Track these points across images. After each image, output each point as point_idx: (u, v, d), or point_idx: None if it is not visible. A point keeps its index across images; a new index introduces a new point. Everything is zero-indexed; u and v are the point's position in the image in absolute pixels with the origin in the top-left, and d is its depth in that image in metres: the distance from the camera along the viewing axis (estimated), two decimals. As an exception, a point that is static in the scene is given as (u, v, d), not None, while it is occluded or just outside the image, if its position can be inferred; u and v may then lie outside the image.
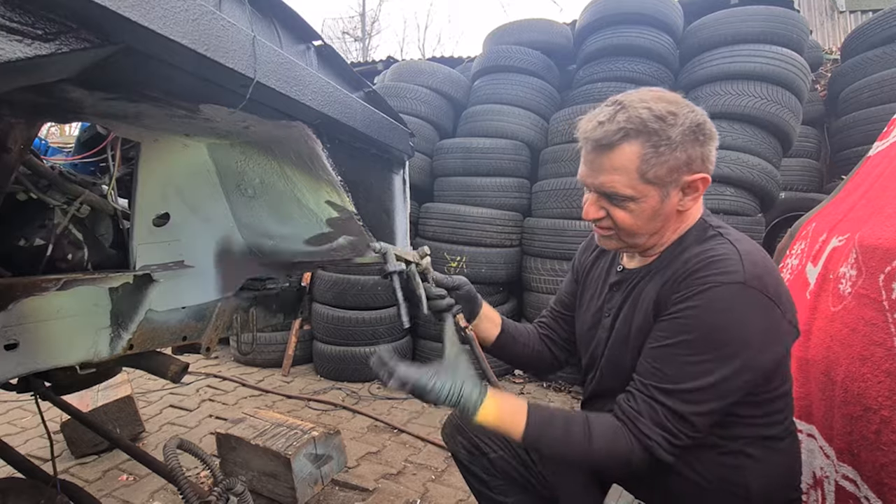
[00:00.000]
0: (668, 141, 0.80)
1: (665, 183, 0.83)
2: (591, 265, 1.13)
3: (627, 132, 0.80)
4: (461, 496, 1.89)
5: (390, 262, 0.99)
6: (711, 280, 0.79)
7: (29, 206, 0.99)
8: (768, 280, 0.78)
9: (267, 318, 1.52)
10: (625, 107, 0.82)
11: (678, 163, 0.81)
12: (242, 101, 0.74)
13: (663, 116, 0.80)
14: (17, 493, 1.01)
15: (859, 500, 0.97)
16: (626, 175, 0.82)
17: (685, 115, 0.81)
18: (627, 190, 0.83)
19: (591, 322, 1.05)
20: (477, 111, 3.68)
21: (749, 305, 0.77)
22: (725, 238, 0.86)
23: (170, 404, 2.88)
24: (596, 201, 0.89)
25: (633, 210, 0.85)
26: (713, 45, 3.21)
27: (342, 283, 3.34)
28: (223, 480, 1.06)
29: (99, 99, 0.73)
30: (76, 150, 1.07)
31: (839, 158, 3.90)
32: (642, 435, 0.80)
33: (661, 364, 0.81)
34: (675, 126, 0.80)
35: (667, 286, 0.85)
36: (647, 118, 0.80)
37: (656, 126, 0.80)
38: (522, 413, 0.87)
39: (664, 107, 0.81)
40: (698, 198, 0.88)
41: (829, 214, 1.45)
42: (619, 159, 0.82)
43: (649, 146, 0.80)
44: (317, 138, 0.96)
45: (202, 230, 1.17)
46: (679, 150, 0.81)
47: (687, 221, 0.91)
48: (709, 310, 0.78)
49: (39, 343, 0.89)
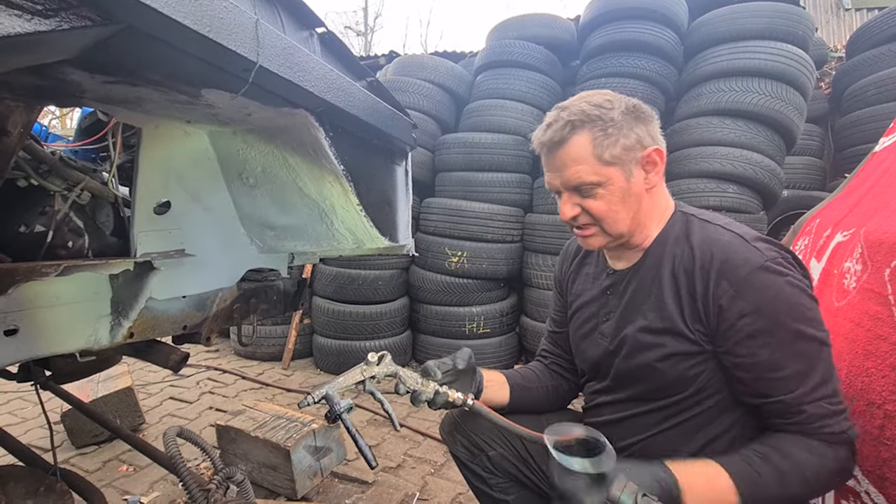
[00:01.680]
0: (612, 122, 0.87)
1: (624, 161, 0.88)
2: (574, 274, 1.13)
3: (573, 124, 0.87)
4: (460, 490, 1.89)
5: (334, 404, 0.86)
6: (748, 276, 0.81)
7: (29, 193, 0.98)
8: (781, 252, 0.84)
9: (267, 310, 1.52)
10: (565, 107, 0.90)
11: (629, 141, 0.87)
12: (245, 86, 0.73)
13: (600, 104, 0.88)
14: (16, 480, 1.01)
15: (859, 494, 0.97)
16: (585, 163, 0.87)
17: (619, 100, 0.90)
18: (592, 176, 0.87)
19: (587, 329, 1.04)
20: (479, 106, 3.66)
21: (788, 282, 0.80)
22: (715, 224, 0.90)
23: (170, 396, 2.88)
24: (568, 199, 0.92)
25: (604, 196, 0.89)
26: (718, 42, 3.19)
27: (343, 277, 3.33)
28: (223, 469, 1.06)
29: (100, 82, 0.72)
30: (77, 137, 1.07)
31: (843, 157, 3.88)
32: (835, 435, 0.79)
33: (781, 371, 0.81)
34: (614, 109, 0.88)
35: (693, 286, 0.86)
36: (586, 108, 0.88)
37: (597, 112, 0.87)
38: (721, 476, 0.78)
39: (599, 98, 0.90)
40: (660, 172, 0.92)
41: (833, 210, 1.44)
42: (574, 150, 0.88)
43: (597, 130, 0.87)
44: (319, 126, 0.95)
45: (203, 219, 1.17)
46: (625, 129, 0.87)
47: (660, 210, 0.95)
48: (770, 305, 0.80)
49: (39, 329, 0.89)
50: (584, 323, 1.04)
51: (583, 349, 1.05)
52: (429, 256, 3.37)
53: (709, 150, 3.01)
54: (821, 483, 0.80)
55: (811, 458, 0.79)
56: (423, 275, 3.43)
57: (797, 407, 0.80)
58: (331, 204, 1.14)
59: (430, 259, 3.37)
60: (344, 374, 0.91)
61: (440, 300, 3.36)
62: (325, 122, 0.96)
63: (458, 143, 3.53)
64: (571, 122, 0.87)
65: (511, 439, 1.12)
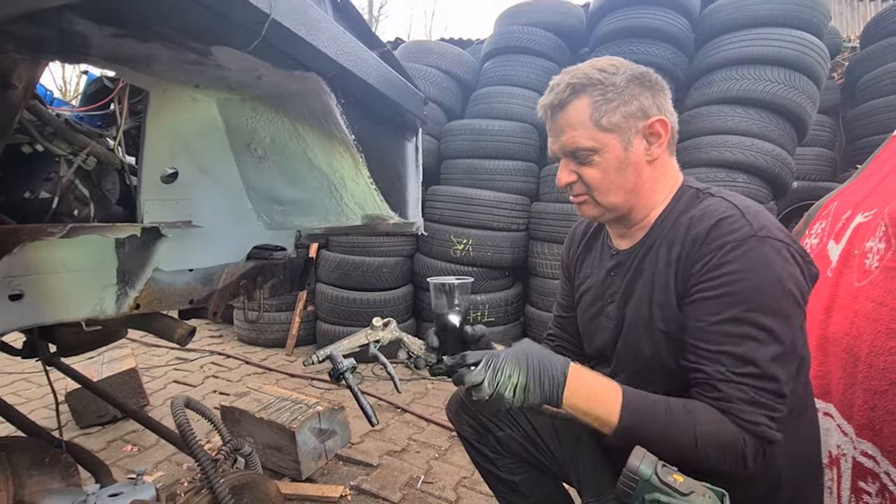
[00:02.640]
0: (613, 87, 0.84)
1: (622, 129, 0.85)
2: (581, 257, 1.10)
3: (574, 88, 0.85)
4: (464, 474, 1.88)
5: (337, 363, 0.87)
6: (725, 242, 0.76)
7: (34, 158, 0.96)
8: (773, 227, 0.78)
9: (273, 288, 1.50)
10: (570, 71, 0.89)
11: (630, 108, 0.85)
12: (256, 40, 0.70)
13: (604, 68, 0.86)
14: (22, 450, 1.00)
15: (878, 475, 0.95)
16: (582, 128, 0.85)
17: (626, 66, 0.87)
18: (588, 142, 0.85)
19: (593, 311, 1.01)
20: (486, 93, 3.62)
21: (770, 255, 0.75)
22: (717, 196, 0.85)
23: (174, 380, 2.88)
24: (566, 166, 0.90)
25: (599, 163, 0.86)
26: (730, 29, 3.13)
27: (347, 263, 3.32)
28: (230, 440, 1.04)
29: (107, 35, 0.70)
30: (82, 103, 1.04)
31: (854, 148, 3.83)
32: (747, 422, 0.72)
33: (725, 345, 0.75)
34: (618, 74, 0.85)
35: (681, 258, 0.82)
36: (589, 72, 0.86)
37: (600, 77, 0.85)
38: (616, 397, 0.76)
39: (605, 62, 0.88)
40: (664, 144, 0.88)
41: (852, 193, 1.42)
42: (573, 115, 0.86)
43: (597, 94, 0.84)
44: (331, 92, 0.92)
45: (210, 190, 1.14)
46: (626, 95, 0.85)
47: (665, 185, 0.91)
48: (740, 274, 0.75)
49: (45, 296, 0.87)
50: (590, 306, 1.02)
51: (590, 333, 1.03)
52: (434, 244, 3.35)
53: (719, 138, 2.97)
54: (710, 450, 0.72)
55: (711, 424, 0.73)
56: (427, 262, 3.41)
57: (719, 381, 0.75)
58: (340, 176, 1.11)
59: (435, 247, 3.35)
60: (349, 337, 0.91)
61: (444, 287, 3.34)
62: (337, 89, 0.93)
63: (464, 130, 3.50)
64: (573, 86, 0.85)
65: (519, 419, 1.10)
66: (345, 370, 0.86)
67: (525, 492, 1.11)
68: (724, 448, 0.73)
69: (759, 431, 0.73)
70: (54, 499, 0.97)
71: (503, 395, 0.74)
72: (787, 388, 0.74)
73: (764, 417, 0.73)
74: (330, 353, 0.86)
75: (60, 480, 1.06)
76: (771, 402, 0.73)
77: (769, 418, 0.73)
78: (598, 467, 1.02)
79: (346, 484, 1.78)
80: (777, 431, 0.74)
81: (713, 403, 0.75)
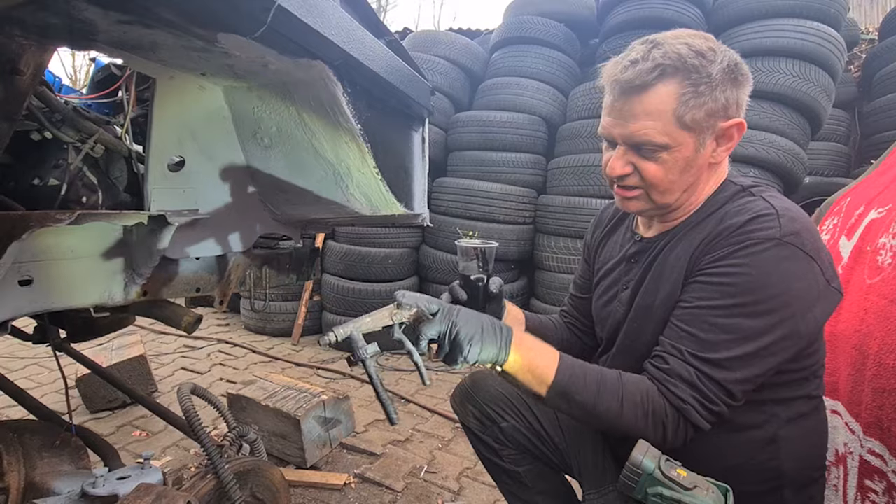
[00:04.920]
0: (708, 79, 0.73)
1: (702, 129, 0.76)
2: (604, 240, 1.07)
3: (664, 69, 0.73)
4: (467, 464, 1.90)
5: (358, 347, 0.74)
6: (747, 238, 0.73)
7: (43, 145, 0.97)
8: (806, 236, 0.73)
9: (279, 277, 1.51)
10: (659, 44, 0.75)
11: (716, 105, 0.75)
12: (262, 27, 0.70)
13: (703, 52, 0.74)
14: (33, 432, 1.02)
15: (886, 473, 0.94)
16: (660, 120, 0.74)
17: (724, 52, 0.76)
18: (662, 138, 0.75)
19: (608, 297, 0.99)
20: (494, 84, 3.59)
21: (787, 263, 0.71)
22: (758, 196, 0.79)
23: (181, 367, 2.92)
24: (623, 155, 0.80)
25: (666, 161, 0.77)
26: (744, 19, 3.07)
27: (353, 254, 3.33)
28: (236, 427, 1.06)
29: (113, 22, 0.70)
30: (90, 91, 1.05)
31: (869, 143, 3.75)
32: (675, 398, 0.73)
33: (695, 328, 0.74)
34: (715, 63, 0.74)
35: (699, 248, 0.79)
36: (685, 53, 0.73)
37: (696, 62, 0.73)
38: (553, 359, 0.78)
39: (702, 42, 0.75)
40: (731, 148, 0.82)
41: (866, 189, 1.39)
42: (653, 102, 0.74)
43: (688, 84, 0.73)
44: (338, 81, 0.92)
45: (217, 179, 1.15)
46: (718, 91, 0.74)
47: (712, 181, 0.85)
48: (744, 269, 0.72)
49: (54, 282, 0.88)
50: (605, 291, 1.00)
51: (603, 319, 1.01)
52: (439, 236, 3.34)
53: (731, 132, 2.92)
54: (629, 414, 0.73)
55: (637, 391, 0.74)
56: (433, 254, 3.41)
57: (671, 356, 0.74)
58: (346, 166, 1.11)
59: (441, 238, 3.34)
60: (372, 315, 0.77)
61: (450, 280, 3.32)
62: (344, 77, 0.93)
63: (472, 121, 3.47)
64: (662, 67, 0.73)
65: (523, 411, 1.10)
66: (366, 357, 0.73)
67: (528, 483, 1.11)
68: (644, 416, 0.73)
69: (684, 409, 0.72)
70: (64, 480, 0.99)
71: (461, 346, 0.73)
72: (739, 390, 0.73)
73: (695, 401, 0.72)
74: (350, 334, 0.73)
75: (70, 463, 1.08)
76: (712, 392, 0.72)
77: (701, 405, 0.72)
78: (600, 460, 1.02)
79: (350, 472, 1.80)
80: (707, 422, 0.73)
81: (653, 373, 0.76)
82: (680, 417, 0.73)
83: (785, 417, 0.81)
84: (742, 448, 0.81)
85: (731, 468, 0.78)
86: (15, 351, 3.03)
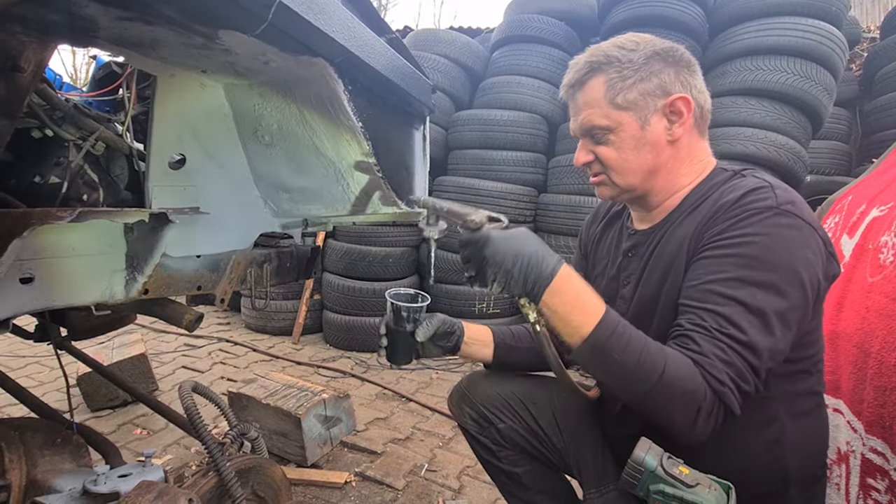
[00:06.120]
0: (630, 64, 0.83)
1: (639, 107, 0.83)
2: (599, 236, 1.08)
3: (592, 66, 0.85)
4: (468, 463, 1.90)
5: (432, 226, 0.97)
6: (745, 210, 0.75)
7: (44, 143, 0.97)
8: (802, 207, 0.76)
9: (280, 276, 1.51)
10: (590, 49, 0.88)
11: (649, 85, 0.83)
12: (263, 24, 0.70)
13: (624, 45, 0.84)
14: (34, 430, 1.02)
15: (888, 472, 0.94)
16: (598, 106, 0.85)
17: (648, 42, 0.85)
18: (602, 120, 0.85)
19: (607, 294, 0.97)
20: (495, 82, 3.58)
21: (789, 230, 0.73)
22: (749, 175, 0.82)
23: (182, 365, 2.92)
24: (583, 146, 0.91)
25: (614, 142, 0.85)
26: (746, 18, 3.06)
27: (353, 253, 3.32)
28: (237, 425, 1.06)
29: (114, 18, 0.69)
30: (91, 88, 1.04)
31: (871, 142, 3.74)
32: (714, 379, 0.69)
33: (711, 304, 0.73)
34: (637, 51, 0.83)
35: (699, 227, 0.80)
36: (608, 49, 0.85)
37: (617, 54, 0.83)
38: (600, 309, 0.74)
39: (627, 39, 0.86)
40: (688, 123, 0.85)
41: (868, 187, 1.39)
42: (589, 93, 0.86)
43: (613, 72, 0.83)
44: (339, 78, 0.91)
45: (218, 177, 1.14)
46: (645, 71, 0.82)
47: (695, 167, 0.88)
48: (748, 238, 0.73)
49: (55, 279, 0.88)
50: (605, 289, 1.00)
51: None
52: (440, 235, 3.34)
53: (731, 130, 2.92)
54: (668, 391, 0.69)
55: (681, 368, 0.70)
56: (433, 253, 3.40)
57: (698, 335, 0.72)
58: (347, 164, 1.11)
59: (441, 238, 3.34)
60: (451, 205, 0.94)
61: (450, 279, 3.34)
62: (345, 75, 0.92)
63: (472, 120, 3.47)
64: (591, 64, 0.85)
65: (521, 412, 1.09)
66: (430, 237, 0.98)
67: (527, 483, 1.10)
68: (682, 394, 0.69)
69: (723, 392, 0.69)
70: (66, 478, 0.99)
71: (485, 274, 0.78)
72: (764, 368, 0.71)
73: (731, 382, 0.69)
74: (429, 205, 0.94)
75: (71, 461, 1.08)
76: (744, 371, 0.70)
77: (736, 386, 0.70)
78: (600, 459, 1.02)
79: (350, 470, 1.80)
80: (738, 405, 0.70)
81: (688, 354, 0.71)
82: (716, 401, 0.70)
83: (789, 415, 0.81)
84: (748, 451, 0.81)
85: (736, 471, 0.75)
86: (16, 349, 3.03)
